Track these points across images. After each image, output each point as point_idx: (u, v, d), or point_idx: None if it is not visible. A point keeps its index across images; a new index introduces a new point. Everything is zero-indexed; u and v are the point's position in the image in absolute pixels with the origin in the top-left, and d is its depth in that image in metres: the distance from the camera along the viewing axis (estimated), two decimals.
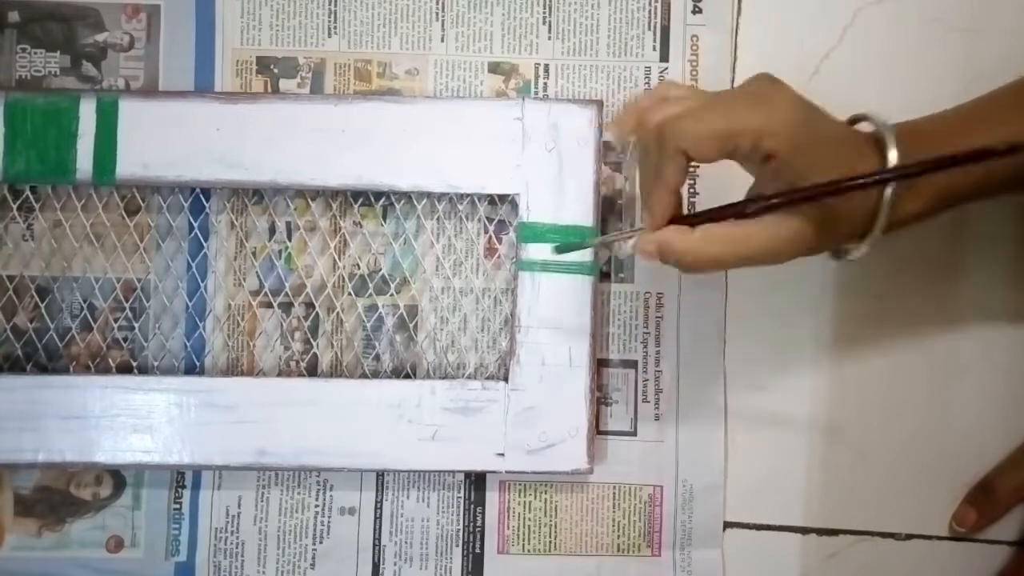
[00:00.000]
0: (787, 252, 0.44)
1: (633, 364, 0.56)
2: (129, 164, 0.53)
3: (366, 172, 0.53)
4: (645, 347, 0.56)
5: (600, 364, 0.55)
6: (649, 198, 0.45)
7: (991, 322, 0.56)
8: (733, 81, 0.56)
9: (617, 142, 0.48)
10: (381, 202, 0.55)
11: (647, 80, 0.56)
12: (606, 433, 0.55)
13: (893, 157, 0.43)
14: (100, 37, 0.55)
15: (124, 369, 0.55)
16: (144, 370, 0.55)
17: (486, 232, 0.56)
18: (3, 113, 0.52)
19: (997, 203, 0.48)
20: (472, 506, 0.55)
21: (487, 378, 0.55)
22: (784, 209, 0.43)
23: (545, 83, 0.56)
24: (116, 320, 0.55)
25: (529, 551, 0.55)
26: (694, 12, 0.56)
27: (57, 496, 0.55)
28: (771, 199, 0.43)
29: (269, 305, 0.55)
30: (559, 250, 0.53)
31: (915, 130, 0.46)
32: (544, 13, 0.56)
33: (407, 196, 0.55)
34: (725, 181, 0.46)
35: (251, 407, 0.52)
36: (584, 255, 0.53)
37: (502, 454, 0.53)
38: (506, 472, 0.54)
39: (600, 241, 0.53)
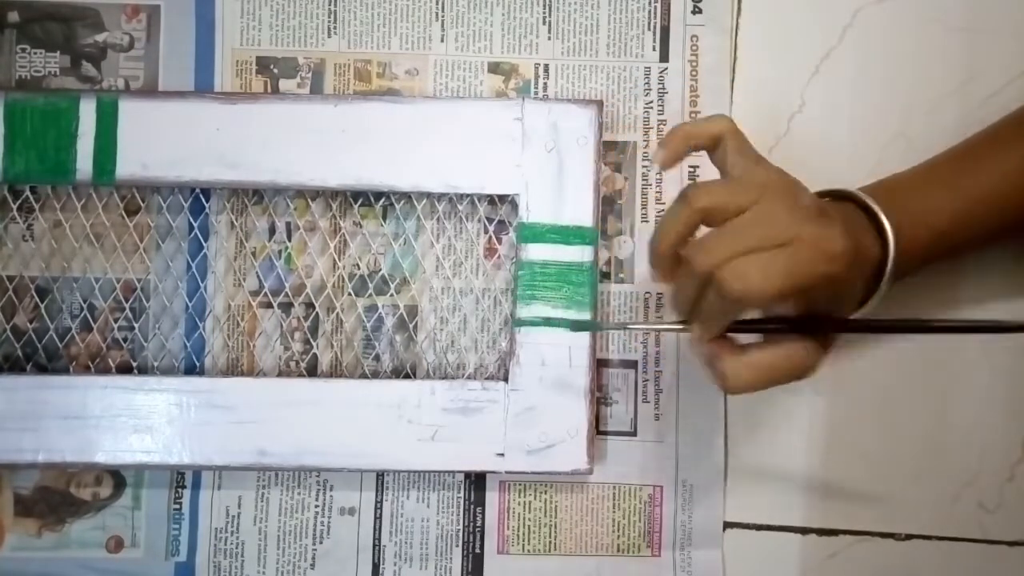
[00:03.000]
0: (817, 368, 0.45)
1: (633, 364, 0.56)
2: (129, 164, 0.53)
3: (366, 172, 0.53)
4: (645, 347, 0.56)
5: (600, 364, 0.55)
6: (701, 323, 0.45)
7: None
8: (733, 82, 0.56)
9: (661, 165, 0.47)
10: (381, 202, 0.55)
11: (647, 80, 0.56)
12: (606, 433, 0.55)
13: (889, 231, 0.47)
14: (100, 37, 0.55)
15: (124, 369, 0.55)
16: (144, 370, 0.55)
17: (486, 232, 0.56)
18: (3, 113, 0.52)
19: None
20: (472, 506, 0.55)
21: (487, 378, 0.55)
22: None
23: (545, 83, 0.56)
24: (116, 320, 0.55)
25: (529, 551, 0.55)
26: (694, 12, 0.56)
27: (57, 496, 0.55)
28: (836, 323, 0.46)
29: (269, 305, 0.55)
30: (574, 327, 0.52)
31: (883, 191, 0.49)
32: (544, 13, 0.56)
33: (407, 196, 0.55)
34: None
35: (251, 407, 0.52)
36: (584, 255, 0.53)
37: (502, 454, 0.53)
38: (506, 472, 0.54)
39: (621, 327, 0.52)
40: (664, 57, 0.56)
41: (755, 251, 0.41)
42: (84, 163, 0.52)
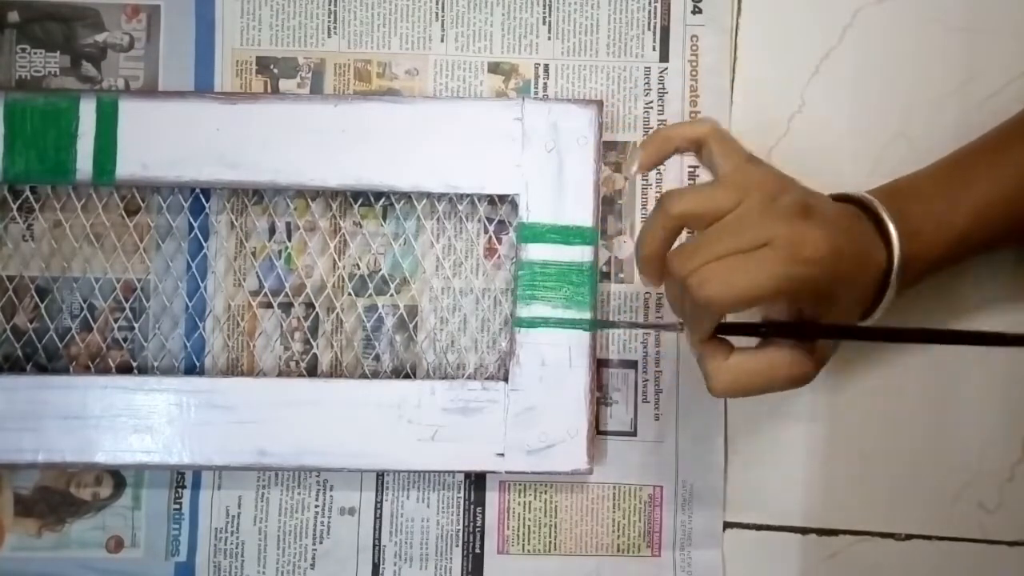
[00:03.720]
0: (808, 378, 0.44)
1: (633, 364, 0.56)
2: (129, 164, 0.53)
3: (366, 172, 0.53)
4: (645, 347, 0.56)
5: (600, 364, 0.55)
6: (688, 328, 0.44)
7: (992, 324, 0.56)
8: (733, 82, 0.56)
9: (639, 168, 0.46)
10: (381, 202, 0.55)
11: (647, 80, 0.56)
12: (606, 433, 0.55)
13: (894, 235, 0.45)
14: (100, 37, 0.55)
15: (124, 369, 0.55)
16: (144, 370, 0.55)
17: (486, 232, 0.56)
18: (3, 113, 0.52)
19: None
20: (472, 506, 0.55)
21: (487, 378, 0.55)
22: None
23: (545, 83, 0.56)
24: (116, 320, 0.55)
25: (529, 551, 0.55)
26: (694, 12, 0.56)
27: (57, 496, 0.55)
28: (826, 329, 0.44)
29: (269, 305, 0.55)
30: (591, 327, 0.53)
31: (898, 193, 0.47)
32: (544, 13, 0.56)
33: (407, 196, 0.55)
34: None
35: (251, 407, 0.52)
36: (584, 255, 0.53)
37: (502, 454, 0.53)
38: (506, 472, 0.54)
39: (630, 325, 0.53)
40: (664, 57, 0.56)
41: (726, 256, 0.40)
42: (84, 163, 0.52)
